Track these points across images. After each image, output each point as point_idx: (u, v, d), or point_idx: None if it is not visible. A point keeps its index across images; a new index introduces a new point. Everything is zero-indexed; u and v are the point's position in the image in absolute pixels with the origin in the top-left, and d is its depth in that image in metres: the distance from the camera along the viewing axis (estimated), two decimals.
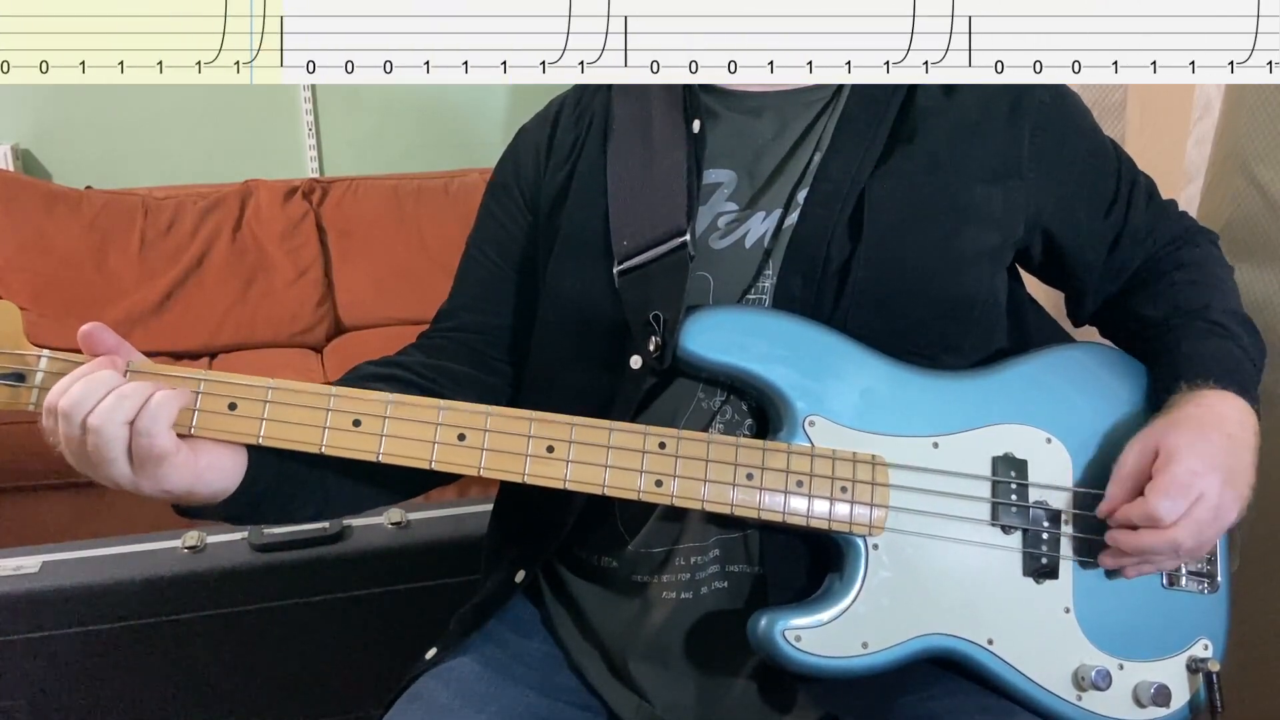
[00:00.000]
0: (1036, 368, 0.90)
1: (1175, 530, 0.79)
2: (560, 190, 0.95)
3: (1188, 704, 0.88)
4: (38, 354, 0.77)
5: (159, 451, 0.74)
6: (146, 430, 0.73)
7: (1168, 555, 0.82)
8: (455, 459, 0.80)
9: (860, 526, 0.82)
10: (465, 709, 0.85)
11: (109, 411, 0.73)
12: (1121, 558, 0.83)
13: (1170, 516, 0.79)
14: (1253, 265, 1.18)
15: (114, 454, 0.73)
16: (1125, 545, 0.81)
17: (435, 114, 3.19)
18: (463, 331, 0.98)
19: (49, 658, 1.27)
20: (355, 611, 1.36)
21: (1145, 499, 0.80)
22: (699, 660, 0.87)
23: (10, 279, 2.62)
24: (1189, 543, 0.80)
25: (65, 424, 0.73)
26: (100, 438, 0.73)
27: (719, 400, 0.86)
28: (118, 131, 2.96)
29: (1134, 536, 0.81)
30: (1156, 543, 0.80)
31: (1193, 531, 0.80)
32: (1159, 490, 0.80)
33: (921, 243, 0.86)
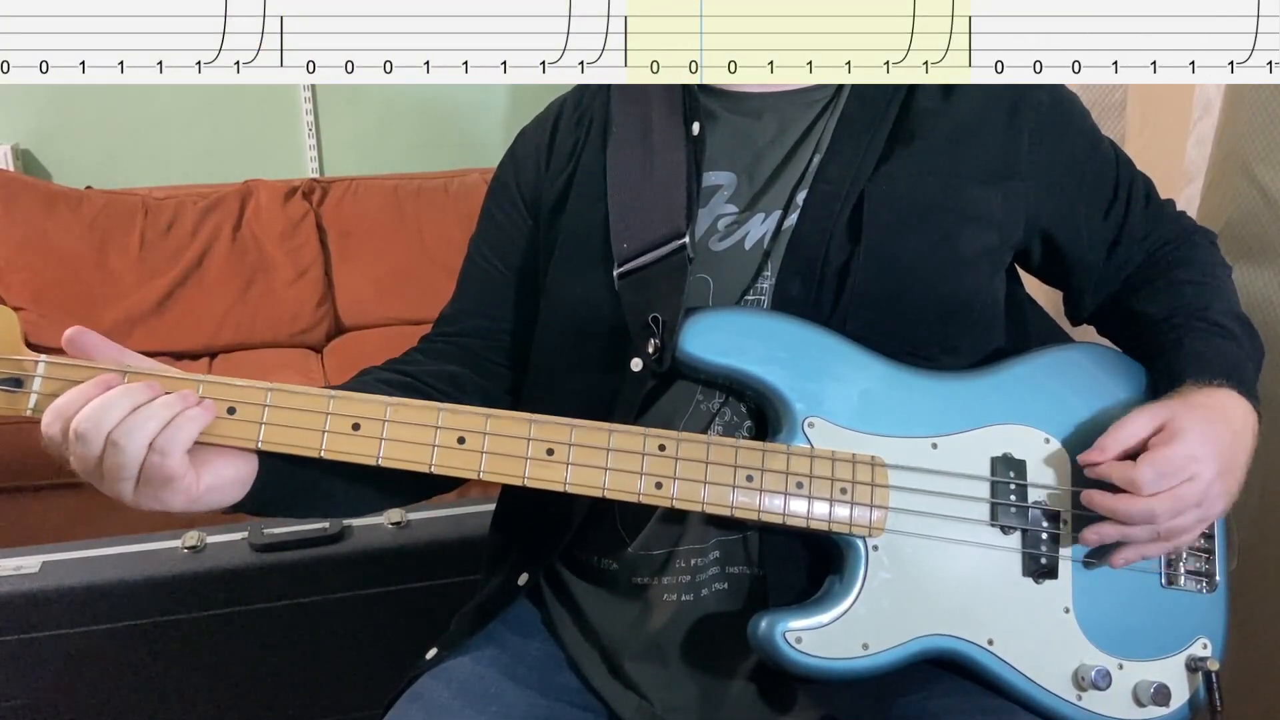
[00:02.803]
0: (1035, 368, 0.90)
1: (1153, 500, 0.78)
2: (560, 193, 0.95)
3: (1187, 703, 0.88)
4: (35, 359, 0.77)
5: (168, 473, 0.73)
6: (164, 449, 0.73)
7: (1142, 525, 0.80)
8: (455, 462, 0.80)
9: (860, 528, 0.82)
10: (466, 709, 0.85)
11: (137, 427, 0.72)
12: (1101, 530, 0.81)
13: (1150, 488, 0.78)
14: (1253, 265, 1.18)
15: (131, 472, 0.73)
16: (1098, 504, 0.80)
17: (435, 114, 3.19)
18: (464, 336, 0.98)
19: (49, 658, 1.27)
20: (355, 611, 1.37)
21: (1134, 464, 0.79)
22: (699, 661, 0.87)
23: (10, 279, 2.62)
24: (1165, 516, 0.79)
25: (80, 442, 0.72)
26: (123, 455, 0.72)
27: (718, 402, 0.86)
28: (118, 131, 2.96)
29: (1108, 498, 0.80)
30: (1131, 509, 0.79)
31: (1171, 505, 0.78)
32: (1151, 461, 0.79)
33: (920, 244, 0.86)
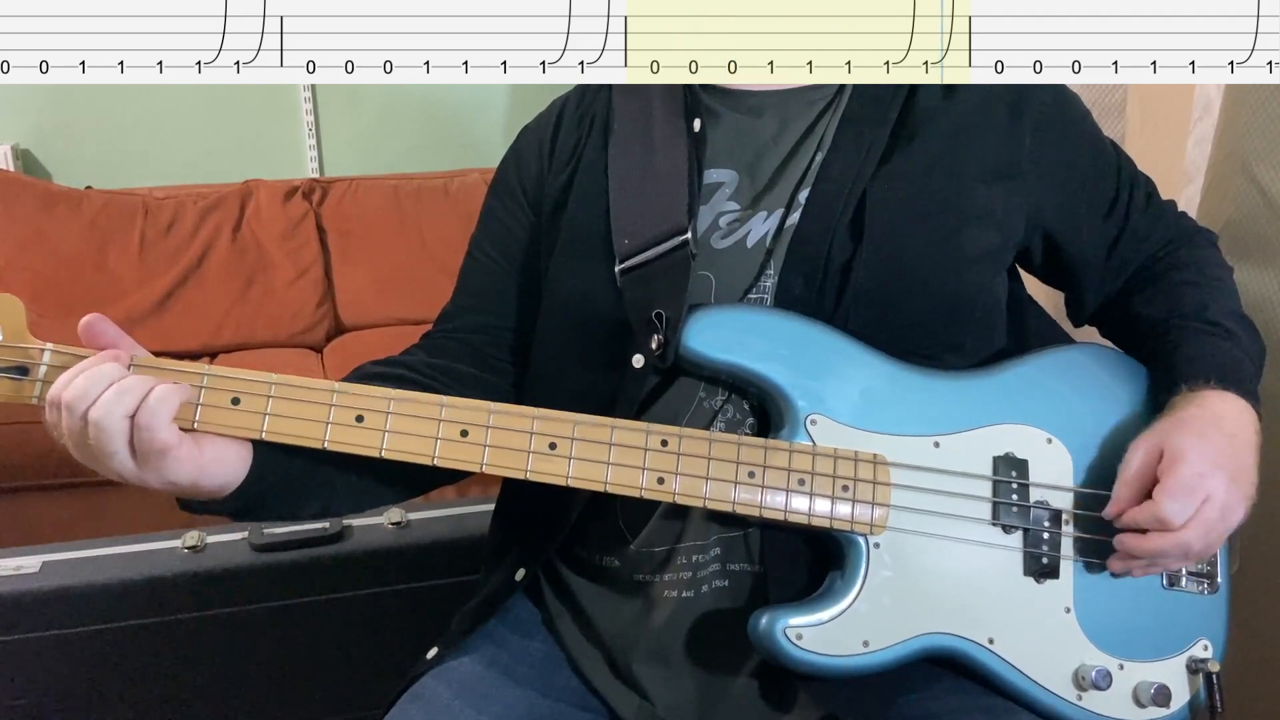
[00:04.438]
0: (1037, 368, 0.90)
1: (1185, 532, 0.79)
2: (562, 190, 0.95)
3: (1187, 704, 0.88)
4: (41, 347, 0.77)
5: (160, 445, 0.74)
6: (147, 424, 0.74)
7: (1176, 557, 0.82)
8: (458, 455, 0.80)
9: (862, 525, 0.82)
10: (466, 709, 0.85)
11: (109, 405, 0.73)
12: (1130, 561, 0.83)
13: (1179, 519, 0.79)
14: (1253, 265, 1.18)
15: (115, 447, 0.74)
16: (1135, 549, 0.81)
17: (435, 114, 3.19)
18: (465, 332, 0.98)
19: (49, 658, 1.27)
20: (355, 611, 1.36)
21: (1154, 502, 0.80)
22: (700, 659, 0.87)
23: (10, 279, 2.61)
24: (1198, 544, 0.80)
25: (68, 417, 0.74)
26: (101, 431, 0.73)
27: (721, 399, 0.86)
28: (118, 131, 2.96)
29: (1143, 540, 0.81)
30: (1166, 546, 0.80)
31: (1201, 533, 0.80)
32: (1167, 493, 0.79)
33: (922, 243, 0.86)
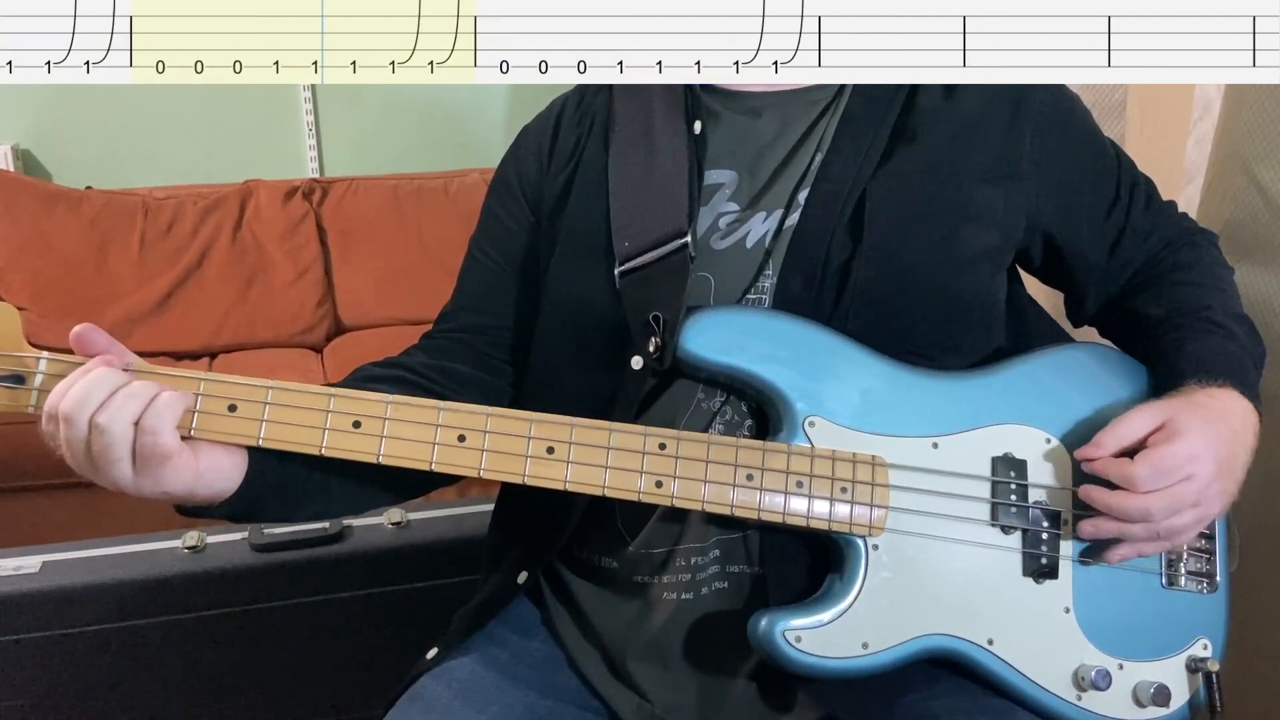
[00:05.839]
0: (1036, 368, 0.90)
1: (1149, 498, 0.78)
2: (562, 191, 0.95)
3: (1187, 704, 0.88)
4: (37, 356, 0.77)
5: (164, 451, 0.74)
6: (152, 429, 0.73)
7: (1138, 522, 0.80)
8: (455, 460, 0.80)
9: (860, 527, 0.82)
10: (466, 709, 0.85)
11: (117, 409, 0.72)
12: (1100, 523, 0.81)
13: (1146, 485, 0.78)
14: (1253, 265, 1.18)
15: (120, 454, 0.73)
16: (1095, 500, 0.80)
17: (435, 114, 3.19)
18: (465, 332, 0.98)
19: (50, 658, 1.27)
20: (355, 611, 1.36)
21: (1130, 461, 0.79)
22: (699, 660, 0.87)
23: (10, 279, 2.62)
24: (1161, 515, 0.79)
25: (68, 426, 0.73)
26: (108, 437, 0.72)
27: (719, 401, 0.86)
28: (118, 131, 2.96)
29: (1105, 494, 0.80)
30: (1126, 505, 0.79)
31: (1167, 504, 0.79)
32: (1148, 459, 0.79)
33: (922, 243, 0.86)
